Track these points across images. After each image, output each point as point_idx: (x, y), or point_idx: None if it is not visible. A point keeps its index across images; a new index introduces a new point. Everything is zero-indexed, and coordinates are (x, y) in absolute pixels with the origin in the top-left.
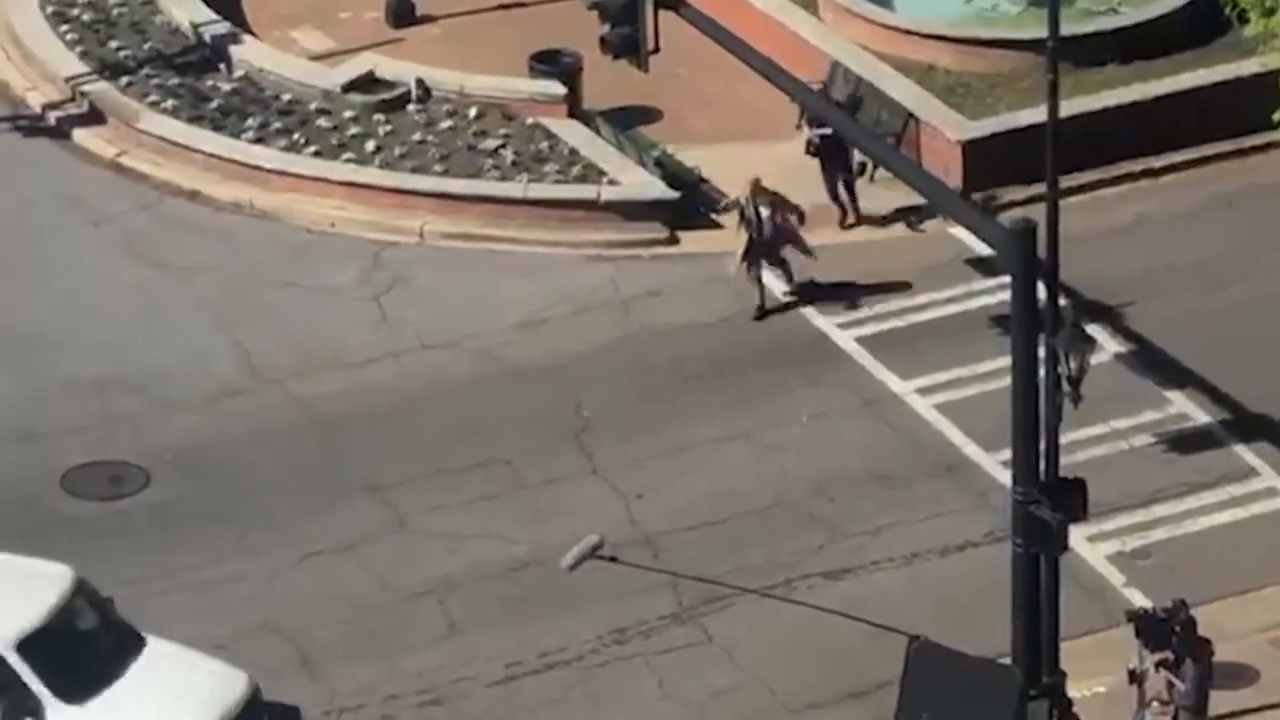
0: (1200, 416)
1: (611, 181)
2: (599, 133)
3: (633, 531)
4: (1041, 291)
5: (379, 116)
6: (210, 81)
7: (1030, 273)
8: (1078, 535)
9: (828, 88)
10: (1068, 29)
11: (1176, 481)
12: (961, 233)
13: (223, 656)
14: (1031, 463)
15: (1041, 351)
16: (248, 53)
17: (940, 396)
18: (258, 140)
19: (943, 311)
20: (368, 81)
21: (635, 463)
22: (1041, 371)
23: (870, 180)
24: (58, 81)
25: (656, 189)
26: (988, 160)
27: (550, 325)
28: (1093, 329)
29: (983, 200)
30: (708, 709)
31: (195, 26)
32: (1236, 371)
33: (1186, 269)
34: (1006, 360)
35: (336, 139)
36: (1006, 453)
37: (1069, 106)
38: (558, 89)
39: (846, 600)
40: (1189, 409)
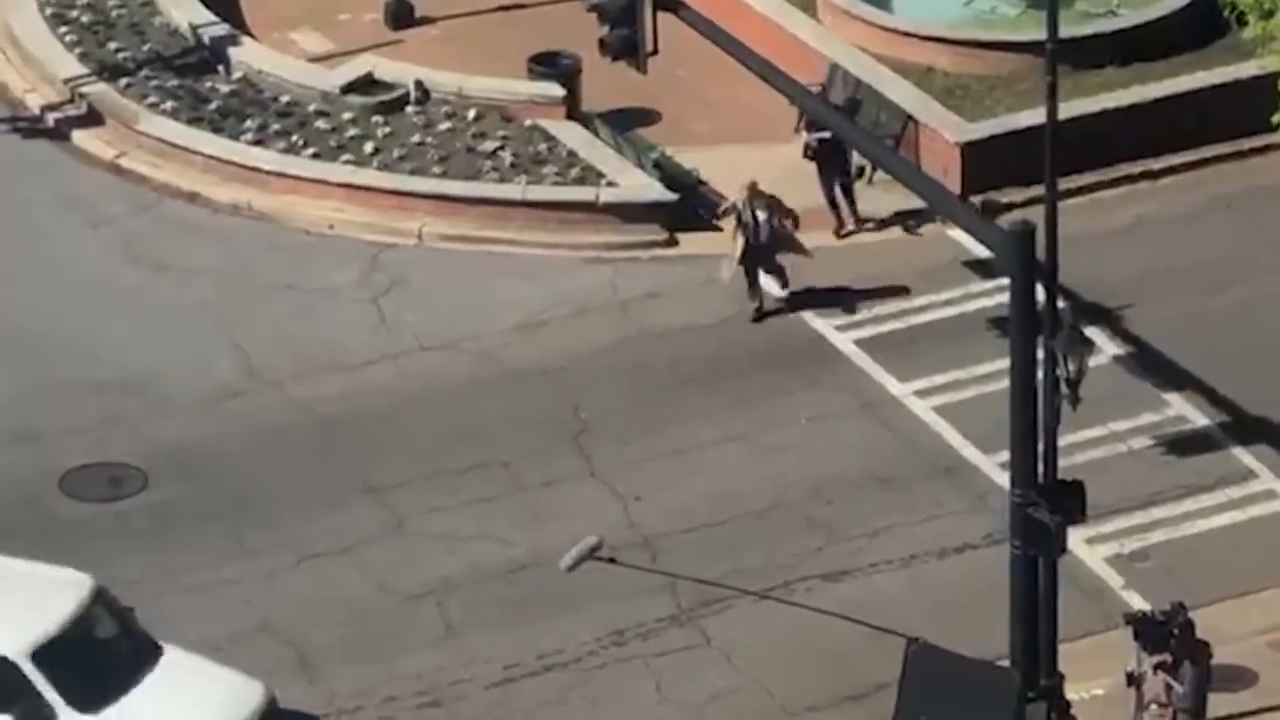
0: (1199, 419)
1: (610, 183)
2: (598, 135)
3: (631, 534)
4: (1040, 294)
5: (378, 118)
6: (209, 83)
7: (1029, 275)
8: (1076, 537)
9: (826, 90)
10: (1066, 31)
11: (1175, 484)
12: (960, 235)
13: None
14: (1030, 465)
15: (1040, 354)
16: (246, 54)
17: (939, 399)
18: (256, 142)
19: (941, 314)
20: (366, 83)
21: (633, 464)
22: (1040, 374)
23: (869, 183)
24: (57, 83)
25: (655, 191)
26: (986, 162)
27: (549, 327)
28: (1091, 331)
29: (981, 203)
30: (706, 711)
31: (194, 28)
32: (1235, 374)
33: (1185, 271)
34: (1005, 362)
35: (335, 141)
36: (1005, 455)
37: (1068, 109)
38: (556, 91)
39: (844, 602)
40: (1187, 411)
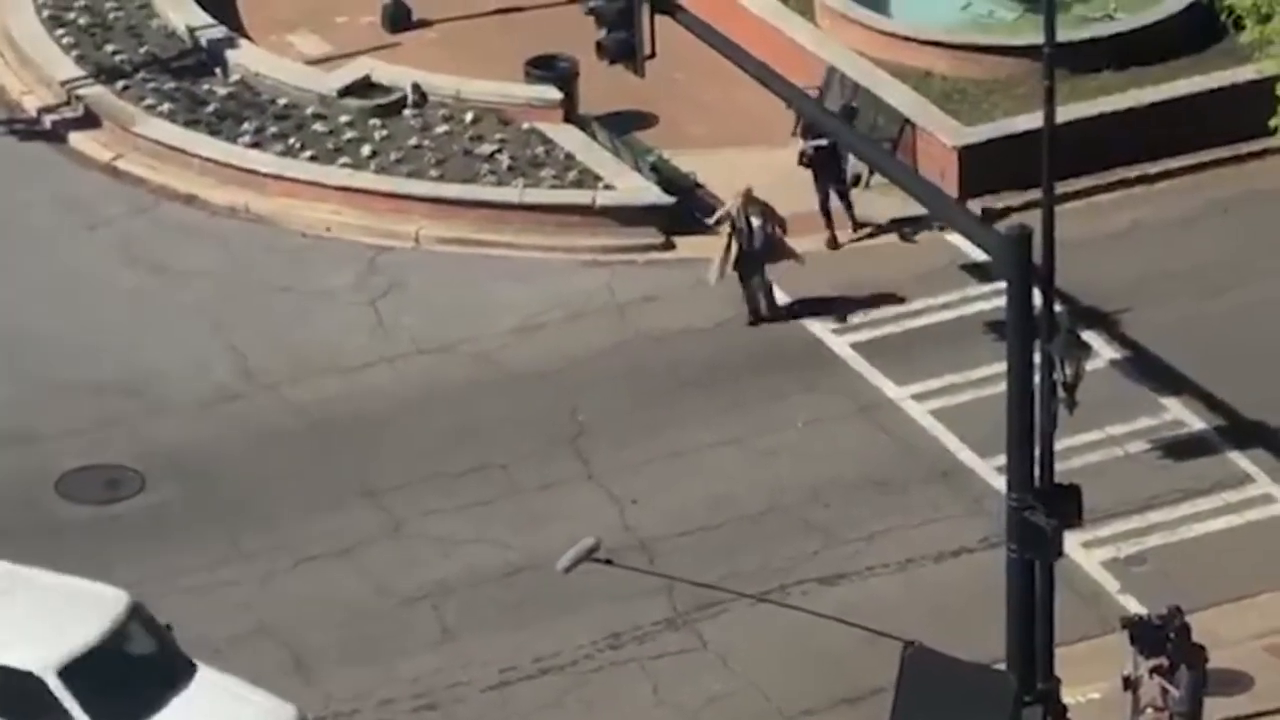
0: (1196, 423)
1: (607, 187)
2: (595, 138)
3: (627, 537)
4: (1037, 297)
5: (375, 121)
6: (206, 86)
7: (1026, 279)
8: (1072, 541)
9: (823, 93)
10: (1064, 35)
11: (1172, 488)
12: (957, 238)
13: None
14: (1026, 469)
15: (1037, 358)
16: (244, 57)
17: (935, 402)
18: (254, 144)
19: (938, 317)
20: (364, 86)
21: (630, 468)
22: (1037, 378)
23: (865, 188)
24: (53, 85)
25: (652, 194)
26: (983, 166)
27: (546, 330)
28: (1088, 335)
29: (981, 210)
30: (702, 715)
31: (191, 30)
32: (1232, 378)
33: (1182, 275)
34: (1002, 366)
35: (332, 143)
36: (1001, 459)
37: (1065, 113)
38: (554, 94)
39: (841, 606)
40: (1184, 415)
